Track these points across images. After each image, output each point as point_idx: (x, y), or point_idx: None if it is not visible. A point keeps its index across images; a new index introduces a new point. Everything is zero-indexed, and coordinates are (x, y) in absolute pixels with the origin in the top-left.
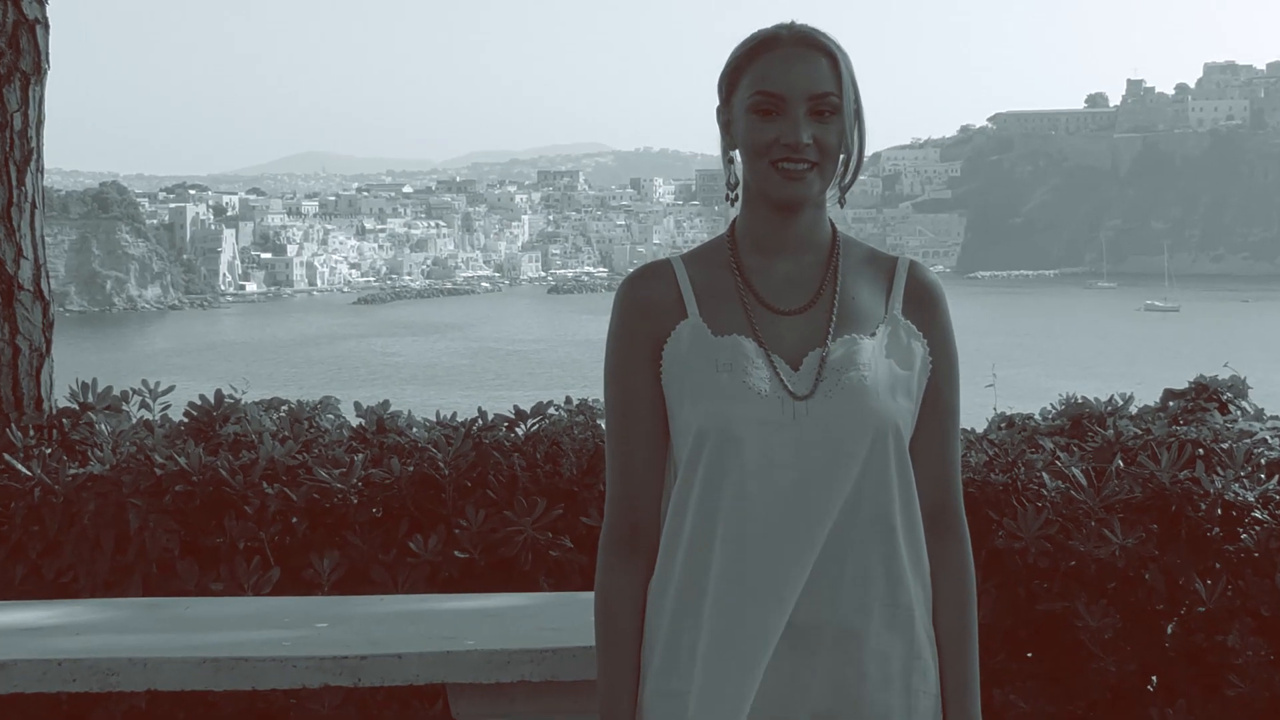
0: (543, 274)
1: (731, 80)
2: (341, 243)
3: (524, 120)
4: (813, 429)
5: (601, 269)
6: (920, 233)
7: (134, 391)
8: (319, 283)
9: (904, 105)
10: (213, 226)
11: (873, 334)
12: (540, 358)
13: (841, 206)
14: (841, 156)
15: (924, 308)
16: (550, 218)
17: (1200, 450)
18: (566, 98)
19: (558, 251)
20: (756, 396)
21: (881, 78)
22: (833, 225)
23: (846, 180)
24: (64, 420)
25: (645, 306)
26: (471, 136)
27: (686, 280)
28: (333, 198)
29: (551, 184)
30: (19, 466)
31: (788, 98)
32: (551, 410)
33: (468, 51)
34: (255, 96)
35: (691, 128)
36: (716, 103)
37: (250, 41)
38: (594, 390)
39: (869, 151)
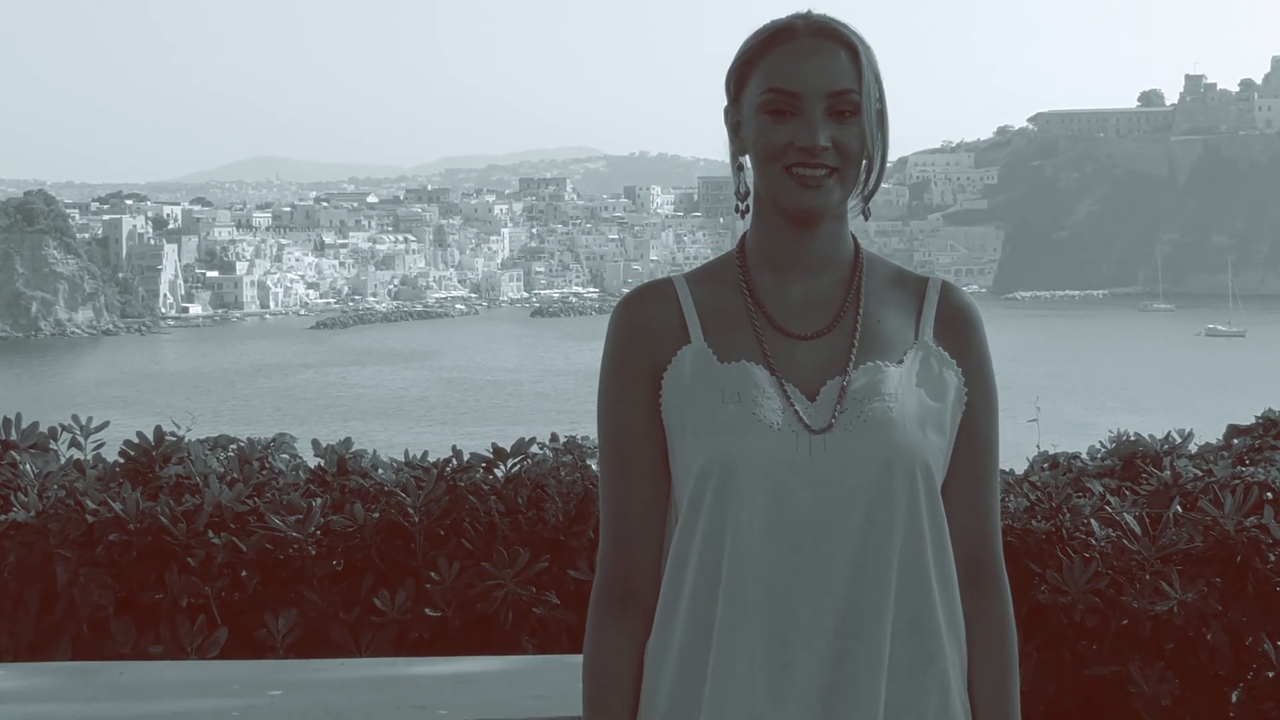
0: (525, 295)
1: (740, 76)
2: (298, 259)
3: (503, 121)
4: (831, 466)
5: (592, 289)
6: (952, 248)
7: (63, 428)
8: (272, 305)
9: (933, 103)
10: (152, 241)
11: (900, 361)
12: (522, 389)
13: (866, 219)
14: (863, 163)
15: (958, 332)
16: (534, 231)
17: (1269, 494)
18: (552, 95)
19: (542, 269)
20: (768, 430)
21: (907, 72)
22: (855, 240)
23: (869, 188)
24: None
25: (643, 331)
26: (444, 139)
27: (689, 301)
28: (288, 208)
29: (535, 193)
30: None
31: (803, 95)
32: (535, 449)
33: (439, 44)
34: (201, 95)
35: (694, 129)
36: (724, 102)
37: (194, 35)
38: (583, 426)
39: (893, 156)
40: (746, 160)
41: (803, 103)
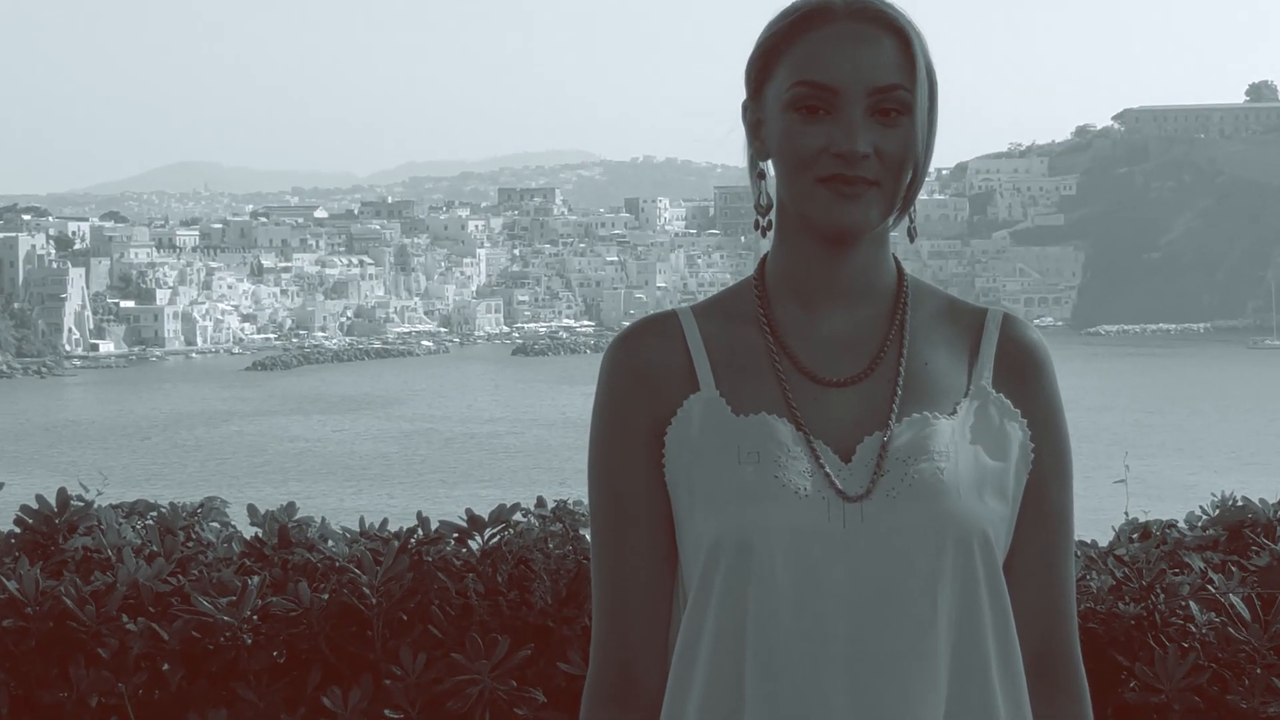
0: (505, 329)
1: (764, 66)
2: (230, 287)
3: (479, 119)
4: (871, 541)
5: (586, 322)
6: (1022, 273)
7: None
8: (200, 341)
9: (997, 98)
10: (54, 264)
11: (952, 412)
12: (502, 444)
13: (912, 240)
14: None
15: (1023, 377)
16: (516, 252)
17: None
18: (537, 88)
19: (526, 298)
20: (794, 497)
21: (965, 60)
22: (898, 265)
23: (910, 196)
24: None
25: (642, 375)
26: (408, 141)
27: (699, 339)
28: (219, 225)
29: (517, 205)
30: None
31: (842, 91)
32: (518, 516)
33: (400, 26)
34: (114, 87)
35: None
36: (743, 96)
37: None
38: (576, 488)
39: (950, 161)
40: (769, 167)
41: (841, 100)
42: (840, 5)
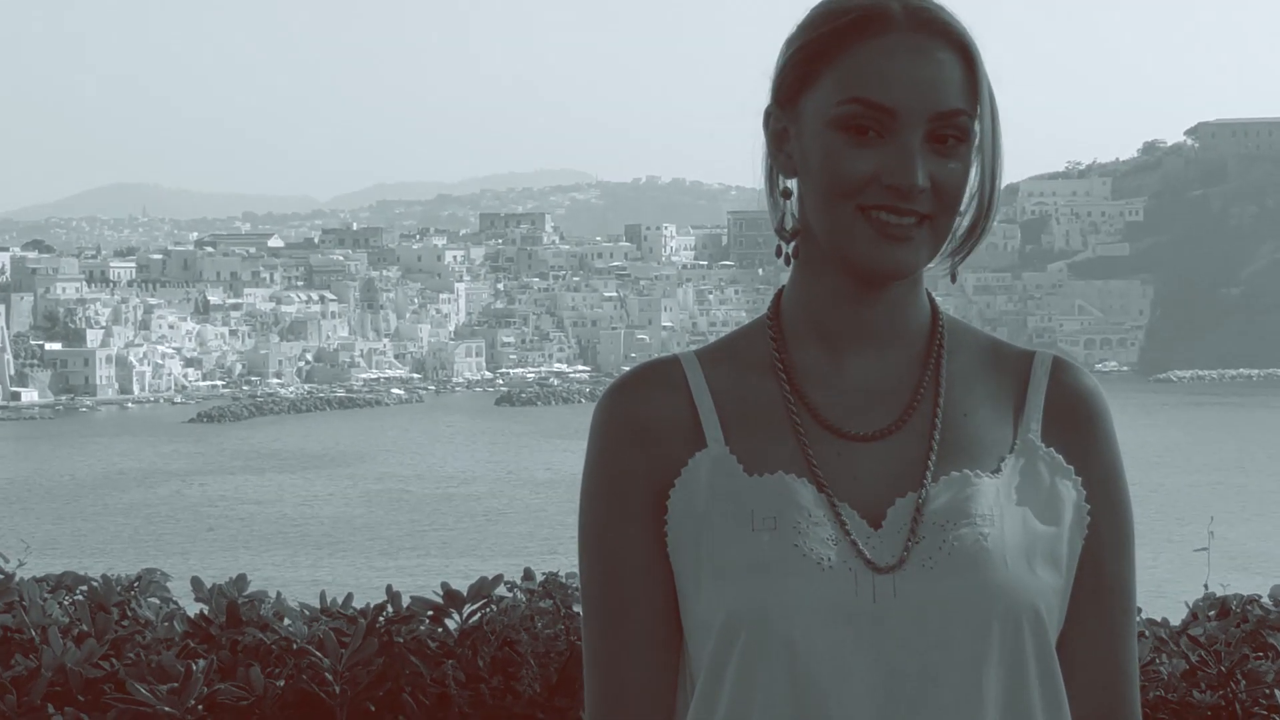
0: (488, 375)
1: (804, 73)
2: (172, 326)
3: (457, 133)
4: (904, 618)
5: (580, 367)
6: (1081, 310)
7: None
8: (136, 389)
9: (1052, 110)
10: None
11: (996, 470)
12: (484, 508)
13: (953, 281)
14: (966, 210)
15: (1077, 429)
16: (500, 286)
17: None
18: (525, 99)
19: (511, 340)
20: (816, 569)
21: (1015, 65)
22: (933, 303)
23: (971, 242)
24: None
25: (641, 430)
26: (376, 159)
27: (705, 388)
28: (158, 255)
29: (502, 233)
30: None
31: (901, 114)
32: (502, 591)
33: (366, 28)
34: (38, 97)
35: (722, 146)
36: (763, 101)
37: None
38: (568, 558)
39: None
40: (795, 185)
41: (898, 123)
42: (900, 12)
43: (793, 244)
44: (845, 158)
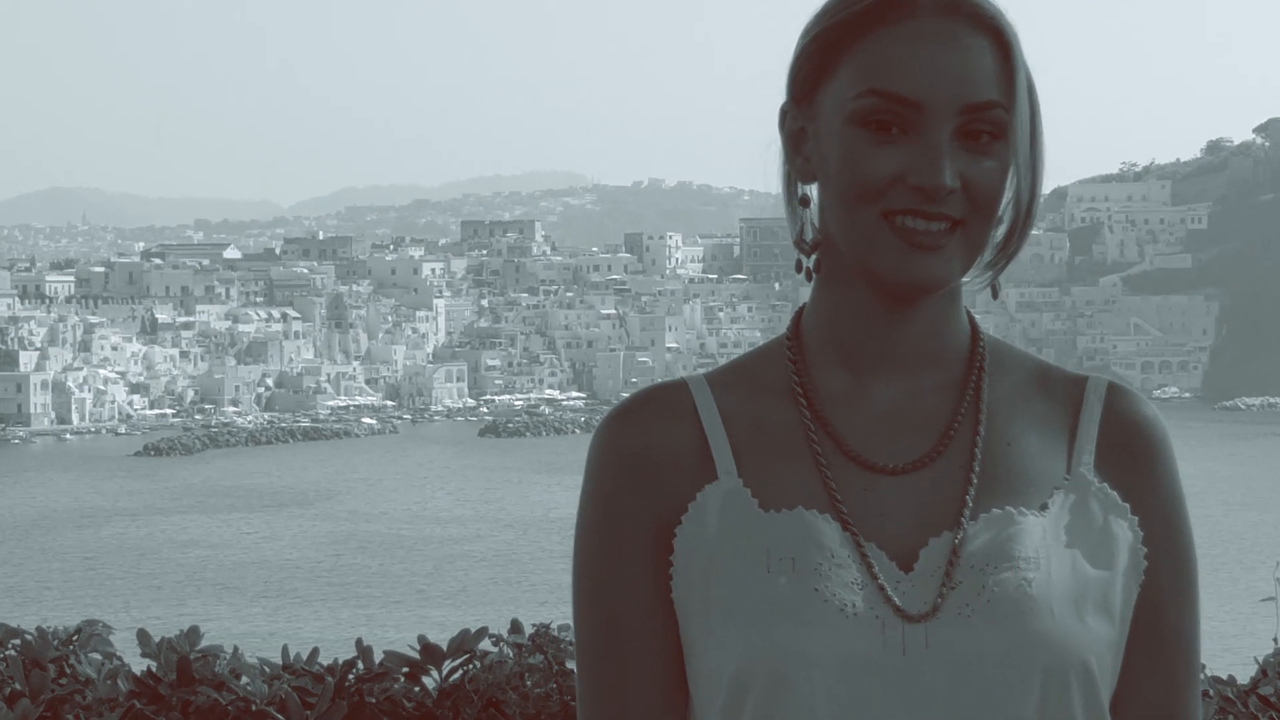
0: (471, 403)
1: (820, 64)
2: (116, 348)
3: (436, 131)
4: (938, 672)
5: (574, 394)
6: (1138, 329)
7: None
8: (75, 418)
9: (1105, 105)
10: None
11: (1043, 507)
12: (465, 552)
13: (995, 297)
14: (1003, 214)
15: (1134, 462)
16: (485, 303)
17: None
18: (511, 90)
19: (496, 362)
20: (839, 616)
21: (1060, 56)
22: (972, 321)
23: (1008, 250)
24: None
25: (643, 462)
26: (344, 159)
27: (715, 415)
28: (100, 268)
29: (486, 243)
30: None
31: (926, 107)
32: (486, 645)
33: (331, 12)
34: None
35: (733, 145)
36: (779, 98)
37: None
38: (560, 609)
39: (1046, 187)
40: (815, 192)
41: (924, 117)
42: None
43: (814, 257)
44: (866, 157)
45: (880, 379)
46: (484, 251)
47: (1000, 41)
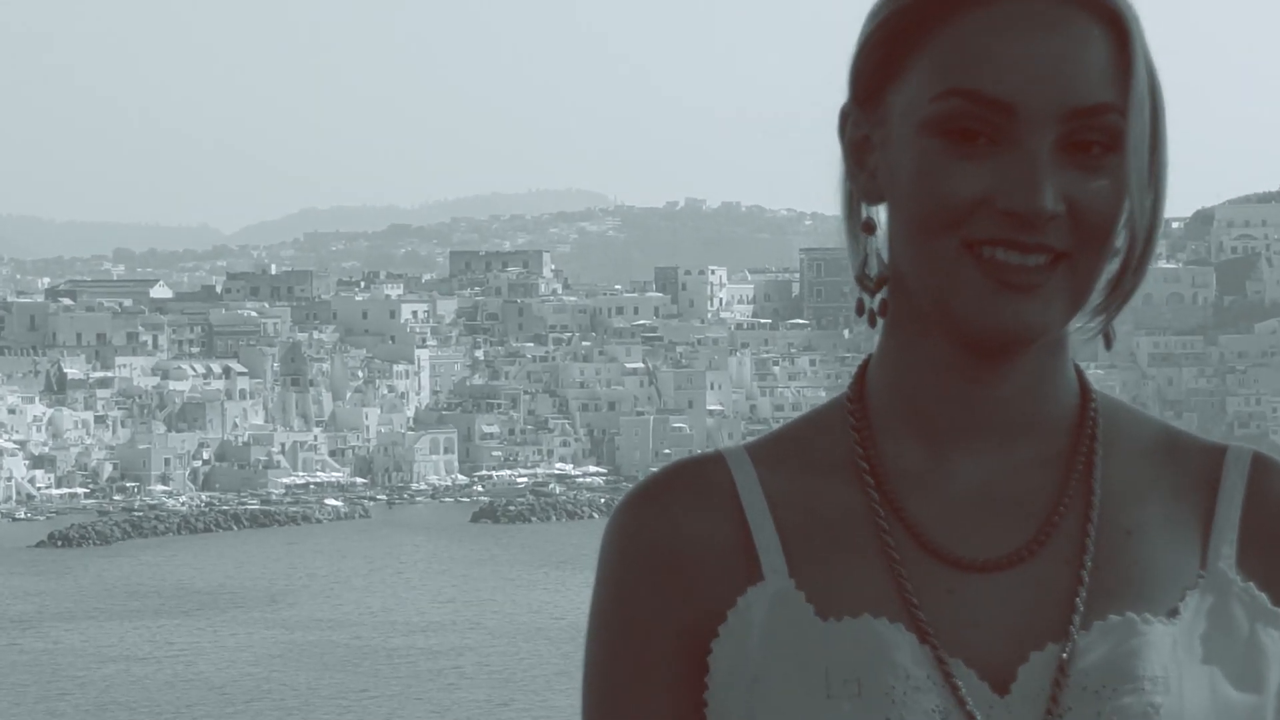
0: (463, 480)
1: (890, 55)
2: (14, 410)
3: (418, 139)
4: None
5: (593, 468)
6: None
7: None
8: None
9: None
10: None
11: (1172, 613)
12: (455, 666)
13: (1109, 346)
14: (1119, 245)
15: None
16: (480, 352)
17: None
18: (516, 92)
19: (494, 429)
20: None
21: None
22: (1081, 378)
23: (1123, 290)
24: None
25: (672, 555)
26: (303, 175)
27: (759, 496)
28: None
29: (482, 278)
30: None
31: (1021, 111)
32: None
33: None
34: None
35: (793, 159)
36: (840, 97)
37: None
38: None
39: (1186, 210)
40: (881, 215)
41: (1018, 124)
42: None
43: (879, 296)
44: (945, 174)
45: (965, 452)
46: (478, 290)
47: (1116, 27)
